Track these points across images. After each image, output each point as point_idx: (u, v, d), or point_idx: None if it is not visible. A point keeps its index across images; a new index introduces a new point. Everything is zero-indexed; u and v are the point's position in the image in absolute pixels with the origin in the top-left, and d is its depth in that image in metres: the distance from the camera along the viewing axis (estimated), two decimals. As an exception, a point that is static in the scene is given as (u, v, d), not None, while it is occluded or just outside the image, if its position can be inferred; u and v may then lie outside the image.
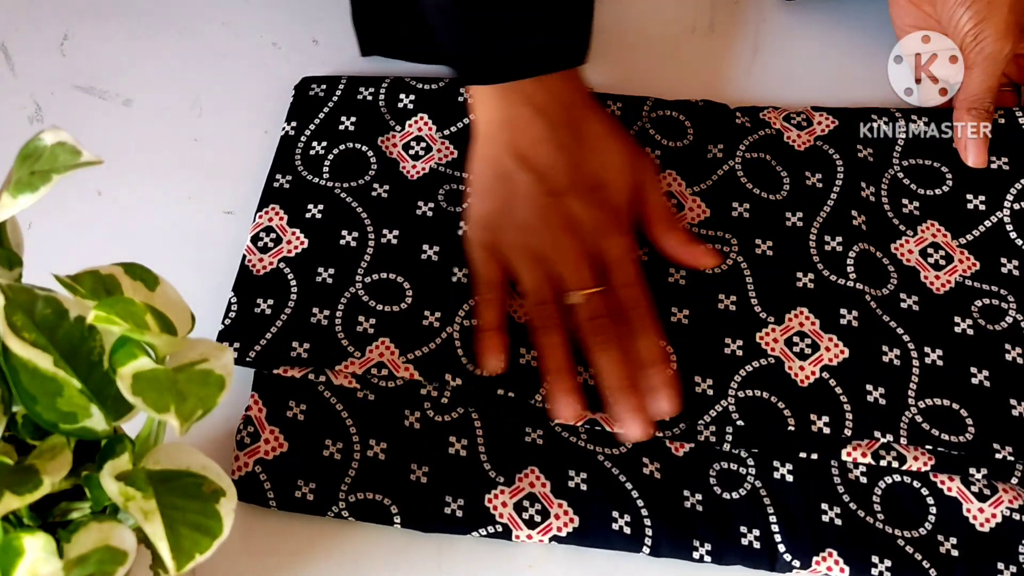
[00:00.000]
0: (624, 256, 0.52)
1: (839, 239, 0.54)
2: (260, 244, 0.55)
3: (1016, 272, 0.53)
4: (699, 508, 0.49)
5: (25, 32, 0.63)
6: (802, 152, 0.56)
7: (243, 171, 0.59)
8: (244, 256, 0.54)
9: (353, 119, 0.58)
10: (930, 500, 0.49)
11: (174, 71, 0.62)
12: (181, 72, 0.63)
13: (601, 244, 0.52)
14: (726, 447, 0.49)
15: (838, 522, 0.48)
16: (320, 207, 0.56)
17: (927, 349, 0.51)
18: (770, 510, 0.48)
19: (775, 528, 0.48)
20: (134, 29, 0.64)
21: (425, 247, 0.54)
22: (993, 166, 0.55)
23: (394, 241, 0.55)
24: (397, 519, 0.49)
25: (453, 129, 0.58)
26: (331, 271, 0.54)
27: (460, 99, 0.59)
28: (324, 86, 0.60)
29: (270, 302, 0.53)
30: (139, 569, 0.39)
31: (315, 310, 0.52)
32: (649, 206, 0.54)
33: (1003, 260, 0.53)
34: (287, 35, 0.63)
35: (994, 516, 0.48)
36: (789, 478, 0.49)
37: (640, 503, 0.49)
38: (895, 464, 0.48)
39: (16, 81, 0.62)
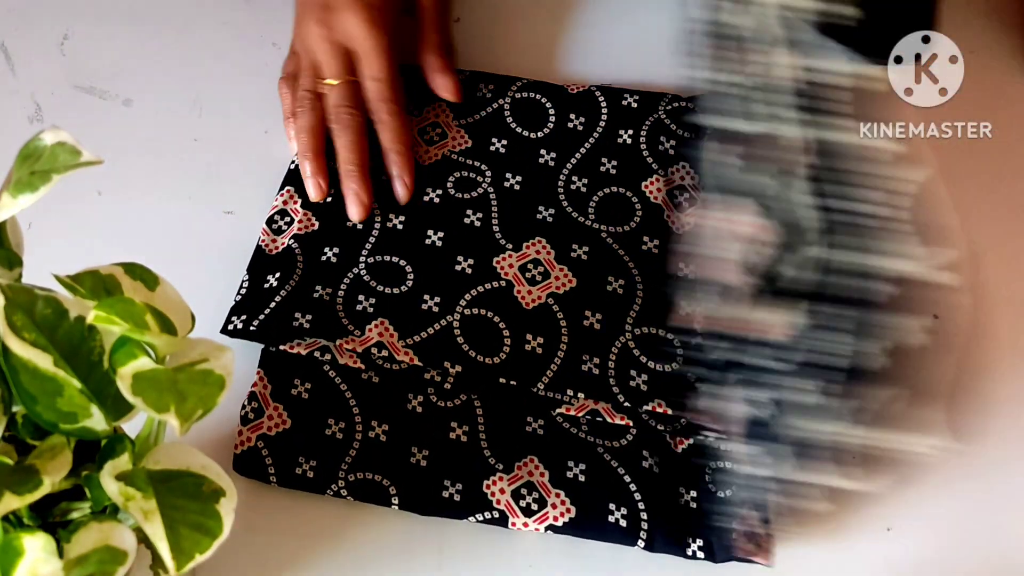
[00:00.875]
0: (373, 50, 0.57)
1: (585, 180, 0.57)
2: (274, 226, 0.56)
3: None
4: (693, 505, 0.49)
5: (25, 32, 0.63)
6: (573, 95, 0.60)
7: (243, 171, 0.59)
8: (259, 238, 0.56)
9: None
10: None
11: (174, 71, 0.62)
12: (181, 72, 0.63)
13: (352, 37, 0.57)
14: (446, 364, 0.51)
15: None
16: (332, 190, 0.56)
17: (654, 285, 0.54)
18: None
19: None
20: (134, 29, 0.64)
21: (430, 232, 0.55)
22: None
23: (400, 226, 0.55)
24: (395, 500, 0.49)
25: (470, 120, 0.59)
26: (336, 251, 0.55)
27: (478, 94, 0.61)
28: None
29: (277, 274, 0.54)
30: (139, 569, 0.39)
31: (318, 287, 0.53)
32: (423, 10, 0.60)
33: None
34: (287, 35, 0.63)
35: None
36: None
37: (638, 496, 0.49)
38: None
39: (16, 81, 0.62)
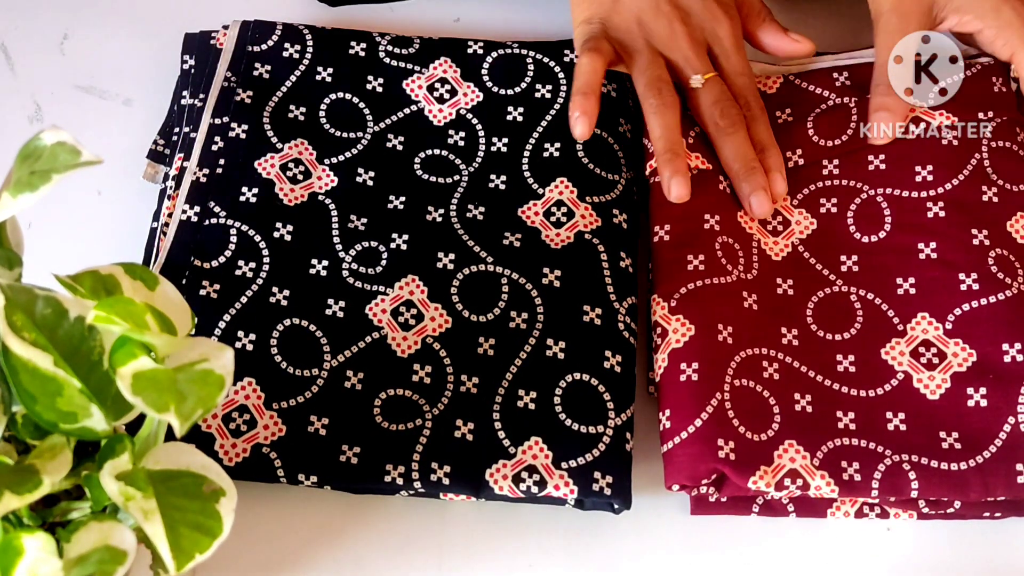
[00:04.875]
0: (735, 45, 0.55)
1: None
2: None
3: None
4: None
5: (25, 32, 0.63)
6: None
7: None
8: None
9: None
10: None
11: (174, 71, 0.62)
12: (181, 72, 0.63)
13: (713, 32, 0.55)
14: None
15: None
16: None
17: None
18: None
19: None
20: (134, 29, 0.64)
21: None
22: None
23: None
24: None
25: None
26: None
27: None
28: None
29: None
30: (139, 569, 0.39)
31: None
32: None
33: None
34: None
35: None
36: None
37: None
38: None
39: (16, 81, 0.62)
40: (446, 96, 0.58)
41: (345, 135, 0.57)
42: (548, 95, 0.58)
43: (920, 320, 0.52)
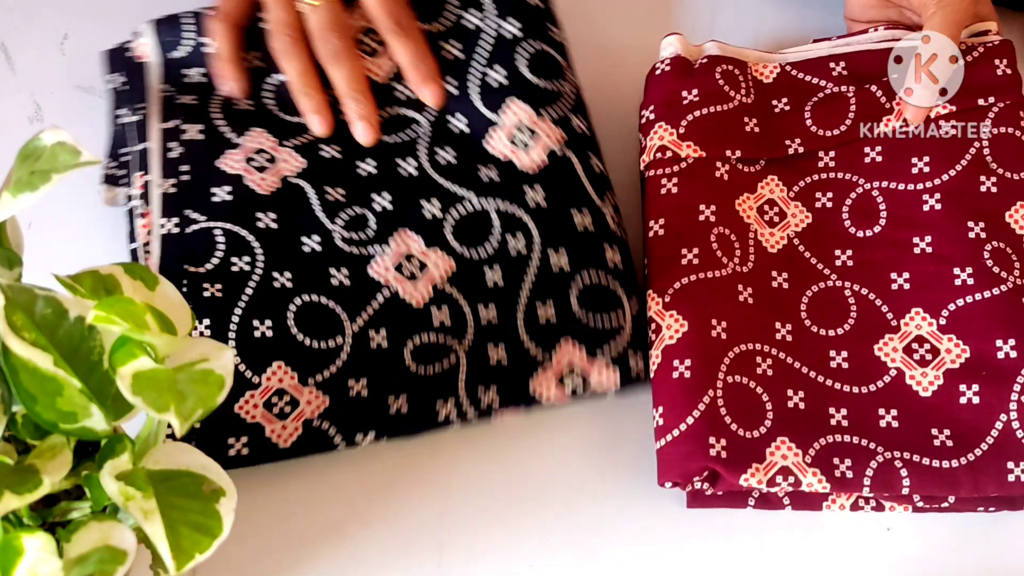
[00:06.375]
0: None
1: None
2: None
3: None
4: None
5: (25, 32, 0.63)
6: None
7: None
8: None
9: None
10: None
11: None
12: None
13: None
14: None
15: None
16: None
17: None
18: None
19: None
20: (134, 29, 0.64)
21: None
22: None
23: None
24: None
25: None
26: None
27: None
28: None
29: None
30: (139, 569, 0.39)
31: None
32: None
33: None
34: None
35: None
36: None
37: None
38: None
39: (16, 81, 0.62)
40: (379, 50, 0.58)
41: (296, 118, 0.57)
42: (478, 22, 0.58)
43: (914, 315, 0.52)
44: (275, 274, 0.52)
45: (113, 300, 0.34)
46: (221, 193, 0.54)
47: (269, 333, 0.51)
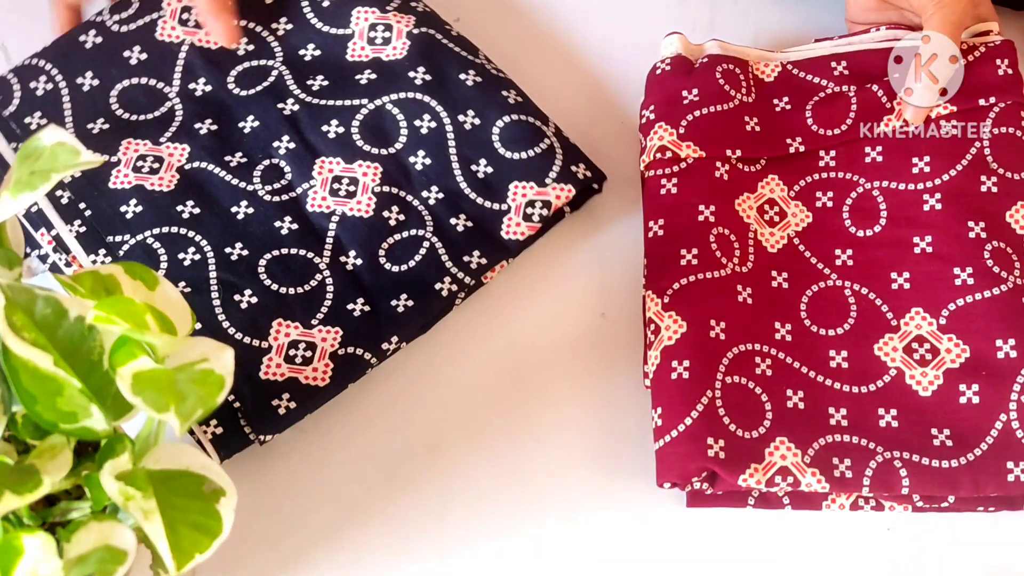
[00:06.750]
0: None
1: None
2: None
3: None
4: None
5: (25, 32, 0.63)
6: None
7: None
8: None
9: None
10: None
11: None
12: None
13: None
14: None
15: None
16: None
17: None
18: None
19: None
20: None
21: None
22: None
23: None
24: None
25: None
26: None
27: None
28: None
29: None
30: (139, 569, 0.39)
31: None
32: None
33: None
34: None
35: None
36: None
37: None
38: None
39: (16, 81, 0.62)
40: (192, 20, 0.59)
41: (156, 113, 0.57)
42: None
43: (914, 315, 0.52)
44: (227, 249, 0.53)
45: (113, 300, 0.34)
46: (130, 208, 0.54)
47: (254, 300, 0.52)
